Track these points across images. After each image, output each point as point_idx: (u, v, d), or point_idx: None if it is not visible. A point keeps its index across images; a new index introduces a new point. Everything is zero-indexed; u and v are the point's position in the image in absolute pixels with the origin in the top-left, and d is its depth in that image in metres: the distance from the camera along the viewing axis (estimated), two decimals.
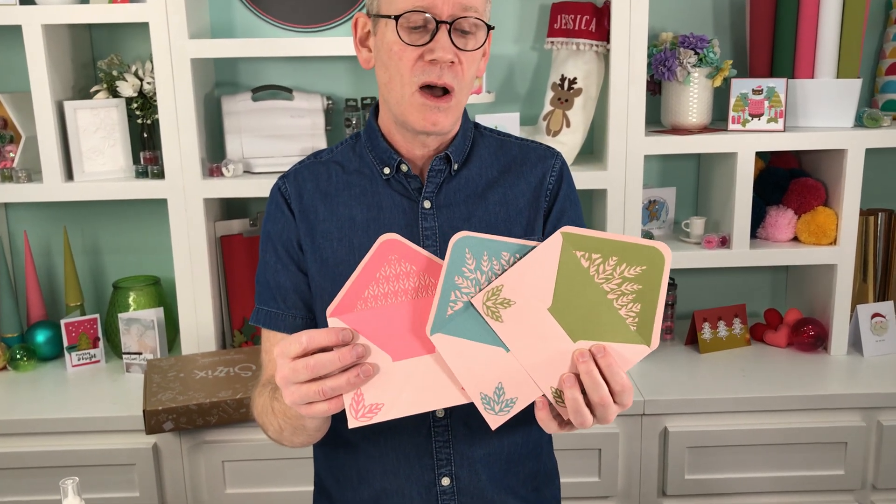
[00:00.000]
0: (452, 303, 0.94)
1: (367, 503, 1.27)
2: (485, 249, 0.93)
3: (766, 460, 1.94)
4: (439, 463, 1.24)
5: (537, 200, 1.26)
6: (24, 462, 1.86)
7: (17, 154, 2.06)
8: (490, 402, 0.97)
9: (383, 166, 1.24)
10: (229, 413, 1.81)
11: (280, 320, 1.25)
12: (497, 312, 0.94)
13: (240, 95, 2.11)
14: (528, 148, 1.31)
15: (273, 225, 1.27)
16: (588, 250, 0.92)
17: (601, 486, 1.94)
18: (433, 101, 1.14)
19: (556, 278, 0.93)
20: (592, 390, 0.95)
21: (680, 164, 2.35)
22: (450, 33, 1.12)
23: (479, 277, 0.94)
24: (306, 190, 1.26)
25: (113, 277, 2.33)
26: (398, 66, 1.14)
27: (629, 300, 0.93)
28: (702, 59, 2.04)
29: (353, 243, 1.22)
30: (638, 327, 0.94)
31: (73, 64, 2.10)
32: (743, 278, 2.41)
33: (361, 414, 0.96)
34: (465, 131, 1.27)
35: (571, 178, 1.32)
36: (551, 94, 2.09)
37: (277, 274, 1.25)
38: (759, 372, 2.06)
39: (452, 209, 1.23)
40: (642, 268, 0.92)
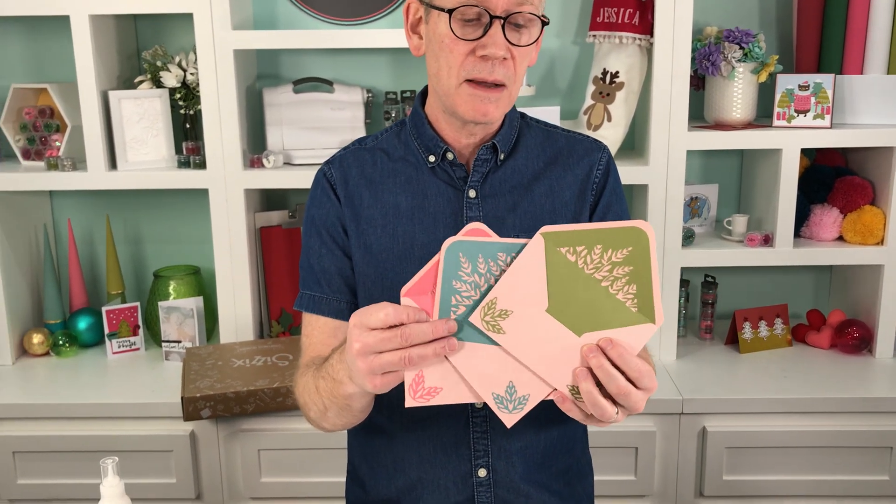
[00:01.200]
0: (454, 307, 0.94)
1: (402, 492, 1.27)
2: (479, 252, 0.92)
3: (808, 463, 1.90)
4: (476, 454, 1.23)
5: (584, 194, 1.25)
6: (65, 446, 1.89)
7: (62, 143, 2.09)
8: (503, 401, 0.98)
9: (429, 154, 1.23)
10: (266, 402, 1.82)
11: (324, 304, 1.24)
12: (497, 325, 0.94)
13: (281, 87, 2.12)
14: (575, 140, 1.29)
15: (318, 209, 1.26)
16: (571, 244, 0.91)
17: (637, 484, 1.92)
18: (483, 92, 1.13)
19: (547, 279, 0.92)
20: (608, 382, 0.95)
21: (723, 161, 2.31)
22: (503, 28, 1.10)
23: (478, 280, 0.93)
24: (351, 176, 1.25)
25: (154, 266, 2.36)
26: (448, 59, 1.12)
27: (624, 283, 0.92)
28: (747, 53, 2.01)
29: (396, 231, 1.21)
30: (639, 307, 0.93)
31: (119, 55, 2.13)
32: (785, 278, 2.37)
33: (420, 395, 0.97)
34: (511, 121, 1.25)
35: (617, 172, 1.31)
36: (593, 87, 2.07)
37: (322, 258, 1.25)
38: (800, 373, 2.02)
39: (497, 199, 1.22)
40: (628, 249, 0.91)
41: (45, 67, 2.24)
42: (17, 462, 1.90)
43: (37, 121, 2.12)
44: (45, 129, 2.12)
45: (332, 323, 1.24)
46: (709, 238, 2.17)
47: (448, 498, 1.24)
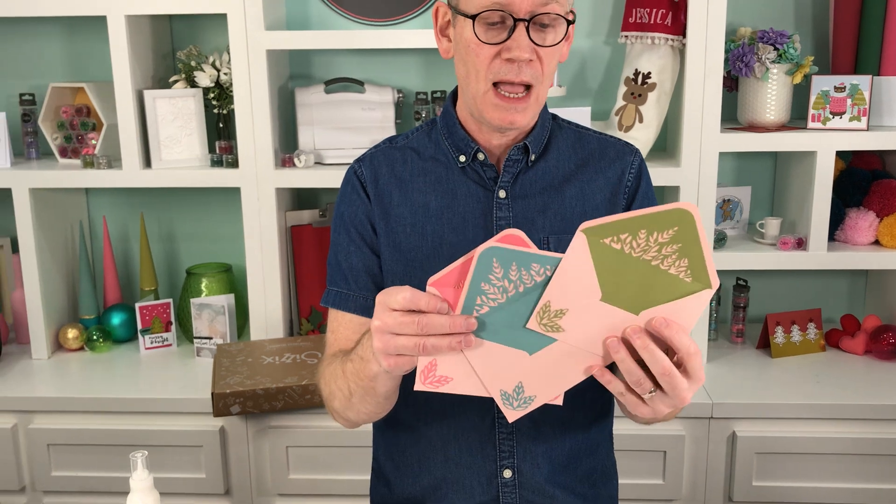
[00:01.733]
0: (478, 306, 0.94)
1: (427, 491, 1.27)
2: (514, 260, 0.92)
3: (840, 471, 1.87)
4: (502, 455, 1.23)
5: (615, 197, 1.25)
6: (98, 439, 1.92)
7: (98, 141, 2.12)
8: (509, 398, 1.00)
9: (459, 154, 1.23)
10: (294, 399, 1.84)
11: (350, 301, 1.25)
12: (556, 325, 0.94)
13: (313, 87, 2.14)
14: (607, 143, 1.29)
15: (347, 207, 1.27)
16: (614, 233, 0.91)
17: (665, 488, 1.91)
18: (509, 102, 1.13)
19: (596, 270, 0.92)
20: (652, 363, 0.94)
21: (756, 163, 2.29)
22: (528, 29, 1.10)
23: (507, 285, 0.93)
24: (381, 175, 1.25)
25: (186, 263, 2.39)
26: (475, 63, 1.13)
27: (674, 259, 0.91)
28: (781, 54, 1.98)
29: (426, 230, 1.22)
30: (693, 277, 0.92)
31: (154, 54, 2.16)
32: (819, 282, 2.34)
33: (430, 381, 0.98)
34: (543, 122, 1.25)
35: (649, 175, 1.30)
36: (624, 88, 2.06)
37: (350, 255, 1.25)
38: (833, 379, 1.99)
39: (528, 200, 1.22)
40: (674, 229, 0.90)
41: (82, 67, 2.28)
42: (52, 454, 1.94)
43: (74, 119, 2.16)
44: (82, 127, 2.16)
45: (358, 319, 1.24)
46: (741, 241, 2.15)
47: (473, 498, 1.24)
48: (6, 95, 2.31)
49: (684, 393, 0.95)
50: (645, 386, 0.96)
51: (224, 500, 1.95)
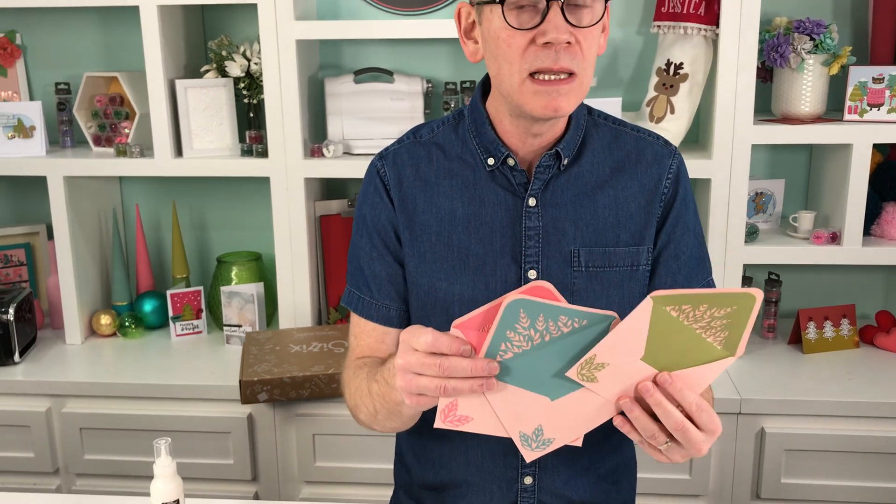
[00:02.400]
0: (502, 352, 0.94)
1: (447, 486, 1.27)
2: (541, 312, 0.92)
3: (872, 470, 1.84)
4: (523, 463, 1.23)
5: (650, 206, 1.19)
6: (129, 424, 1.95)
7: (131, 130, 2.15)
8: (528, 440, 1.01)
9: (488, 157, 1.17)
10: (321, 387, 1.85)
11: (373, 309, 1.23)
12: (592, 376, 0.95)
13: (342, 77, 2.14)
14: (645, 143, 1.21)
15: (370, 210, 1.22)
16: (679, 304, 0.91)
17: (692, 484, 1.89)
18: (550, 86, 1.05)
19: (648, 334, 0.93)
20: (665, 418, 0.95)
21: (791, 155, 2.25)
22: (563, 10, 1.02)
23: (533, 335, 0.93)
24: (406, 176, 1.20)
25: (217, 252, 2.41)
26: (507, 55, 1.05)
27: (718, 330, 0.93)
28: (818, 45, 1.94)
29: (451, 240, 1.18)
30: (725, 346, 0.94)
31: (186, 44, 2.18)
32: (854, 277, 2.29)
33: (450, 420, 0.99)
34: (577, 121, 1.18)
35: (688, 177, 1.24)
36: (656, 79, 2.03)
37: (372, 262, 1.22)
38: (866, 376, 1.96)
39: (559, 209, 1.17)
40: (732, 308, 0.91)
41: (115, 56, 2.31)
42: (84, 438, 1.97)
43: (107, 108, 2.18)
44: (115, 116, 2.18)
45: (381, 329, 1.23)
46: (773, 234, 2.11)
47: (492, 499, 1.24)
48: (42, 84, 2.34)
49: (699, 445, 0.96)
50: (659, 439, 0.96)
51: (251, 486, 1.97)
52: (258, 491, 1.97)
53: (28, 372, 2.02)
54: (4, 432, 1.99)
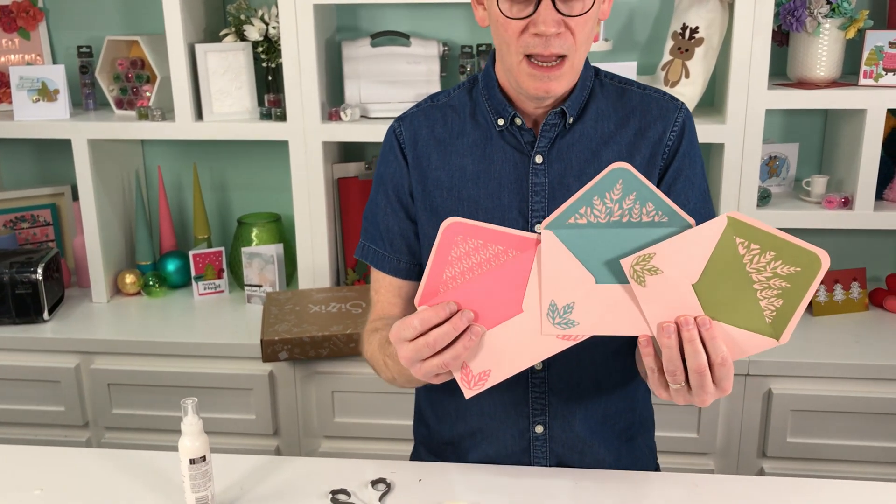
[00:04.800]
0: (579, 215, 0.97)
1: (463, 437, 1.34)
2: (635, 190, 0.94)
3: (876, 430, 1.88)
4: (534, 412, 1.28)
5: (654, 158, 1.22)
6: (155, 380, 2.03)
7: (153, 93, 2.19)
8: (554, 311, 1.01)
9: (497, 117, 1.24)
10: (340, 347, 1.91)
11: (386, 262, 1.31)
12: (642, 277, 0.96)
13: (359, 41, 2.16)
14: (650, 98, 1.25)
15: (386, 168, 1.30)
16: (749, 239, 0.91)
17: (699, 442, 1.94)
18: (543, 71, 1.13)
19: (710, 258, 0.93)
20: (691, 357, 0.96)
21: (805, 120, 2.25)
22: (554, 1, 1.08)
23: (614, 208, 0.95)
24: (421, 136, 1.27)
25: (237, 213, 2.46)
26: (504, 37, 1.13)
27: (773, 294, 0.93)
28: (835, 8, 1.94)
29: (462, 194, 1.24)
30: (773, 321, 0.94)
31: (205, 7, 2.20)
32: (866, 241, 2.31)
33: (474, 384, 1.04)
34: (584, 81, 1.23)
35: (695, 131, 1.26)
36: (671, 43, 2.04)
37: (387, 217, 1.30)
38: (874, 339, 1.99)
39: (564, 164, 1.22)
40: (797, 269, 0.91)
41: (136, 20, 2.34)
42: (112, 393, 2.05)
43: (129, 72, 2.22)
44: (137, 79, 2.22)
45: (396, 282, 1.31)
46: (786, 198, 2.13)
47: (505, 448, 1.30)
48: (64, 47, 2.38)
49: (707, 396, 0.98)
50: (678, 377, 0.98)
51: (273, 440, 2.05)
52: (279, 445, 2.05)
53: (57, 329, 2.09)
54: (36, 387, 2.07)
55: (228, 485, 1.23)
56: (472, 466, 1.29)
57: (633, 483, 1.22)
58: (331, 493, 1.20)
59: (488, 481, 1.22)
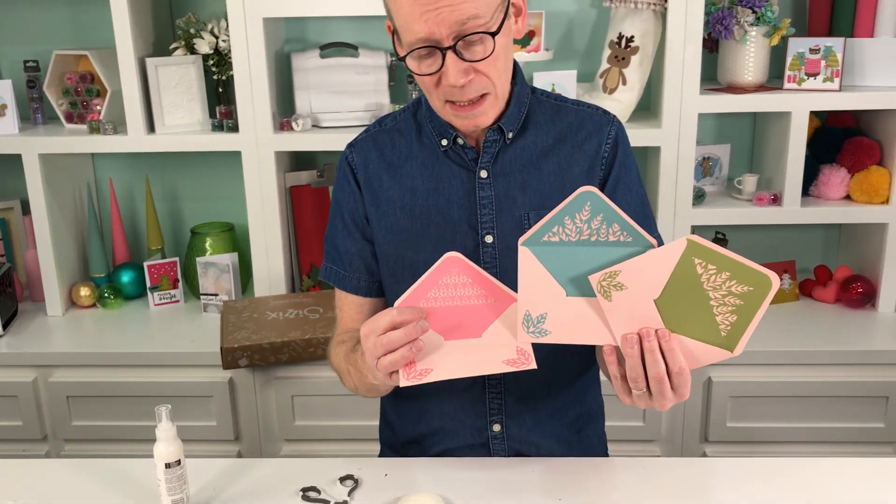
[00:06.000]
0: (552, 233, 1.06)
1: (426, 437, 1.41)
2: (602, 212, 1.04)
3: (808, 412, 2.01)
4: (491, 411, 1.36)
5: (592, 169, 1.30)
6: (114, 391, 2.05)
7: (103, 107, 2.20)
8: (529, 321, 1.10)
9: (441, 138, 1.30)
10: (299, 352, 1.96)
11: (346, 281, 1.39)
12: (608, 292, 1.05)
13: (308, 52, 2.21)
14: (584, 114, 1.33)
15: (341, 193, 1.37)
16: (706, 260, 1.00)
17: (645, 430, 2.05)
18: (466, 111, 1.19)
19: (671, 276, 1.02)
20: (651, 366, 1.04)
21: (736, 121, 2.38)
22: (459, 52, 1.12)
23: (583, 228, 1.05)
24: (371, 160, 1.34)
25: (190, 223, 2.49)
26: (425, 87, 1.20)
27: (728, 310, 1.01)
28: (759, 17, 2.06)
29: (415, 212, 1.31)
30: (728, 334, 1.02)
31: (154, 21, 2.23)
32: (795, 235, 2.45)
33: (412, 375, 1.12)
34: (520, 98, 1.30)
35: (627, 141, 1.34)
36: (608, 51, 2.14)
37: (344, 240, 1.37)
38: (804, 327, 2.12)
39: (508, 178, 1.29)
40: (749, 288, 0.99)
41: (84, 34, 2.35)
42: (71, 405, 2.06)
43: (78, 86, 2.23)
44: (87, 93, 2.23)
45: (358, 300, 1.39)
46: (720, 197, 2.25)
47: (465, 445, 1.38)
48: (10, 62, 2.38)
49: (666, 402, 1.06)
50: (639, 384, 1.06)
51: (234, 445, 2.09)
52: (240, 450, 2.08)
53: (13, 344, 2.10)
54: None
55: (201, 487, 1.28)
56: (435, 460, 1.36)
57: (586, 468, 1.31)
58: (301, 491, 1.25)
59: (451, 473, 1.29)
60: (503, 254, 1.28)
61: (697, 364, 1.05)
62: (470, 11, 1.09)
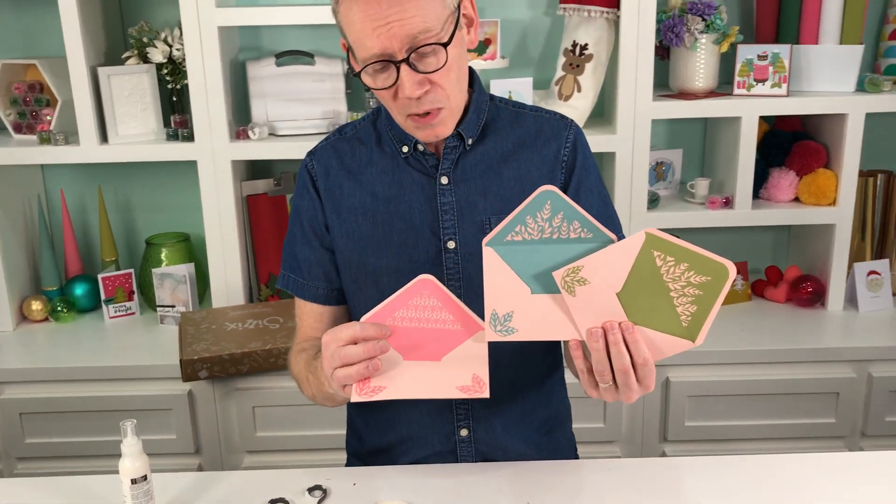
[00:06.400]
0: (515, 233, 1.08)
1: (393, 444, 1.41)
2: (562, 210, 1.05)
3: (763, 409, 2.06)
4: (458, 416, 1.37)
5: (553, 173, 1.32)
6: (69, 406, 2.01)
7: (53, 117, 2.16)
8: (496, 320, 1.11)
9: (401, 145, 1.31)
10: (259, 362, 1.94)
11: (305, 289, 1.38)
12: (572, 287, 1.06)
13: (264, 60, 2.20)
14: (543, 120, 1.35)
15: (300, 201, 1.37)
16: (664, 252, 1.02)
17: (606, 431, 2.07)
18: (425, 122, 1.21)
19: (631, 269, 1.04)
20: (616, 358, 1.06)
21: (687, 126, 2.43)
22: (412, 65, 1.14)
23: (545, 227, 1.06)
24: (332, 168, 1.34)
25: (145, 234, 2.45)
26: (384, 102, 1.21)
27: (688, 301, 1.04)
28: (709, 25, 2.11)
29: (377, 218, 1.31)
30: (689, 325, 1.05)
31: (105, 30, 2.20)
32: (746, 237, 2.51)
33: (364, 392, 1.13)
34: (478, 105, 1.31)
35: (587, 144, 1.36)
36: (563, 59, 2.17)
37: (303, 248, 1.37)
38: (758, 326, 2.17)
39: (469, 183, 1.30)
40: (707, 278, 1.02)
41: (33, 43, 2.30)
42: (24, 423, 2.02)
43: (27, 96, 2.19)
44: (36, 103, 2.19)
45: (317, 308, 1.39)
46: (673, 200, 2.30)
47: (433, 451, 1.38)
48: None
49: (632, 393, 1.08)
50: (606, 377, 1.08)
51: (195, 458, 2.06)
52: (201, 462, 2.06)
53: None
54: None
55: (167, 501, 1.26)
56: (403, 468, 1.36)
57: (552, 471, 1.32)
58: (270, 503, 1.24)
59: (419, 481, 1.30)
60: (466, 259, 1.29)
61: (661, 355, 1.08)
62: (420, 25, 1.12)
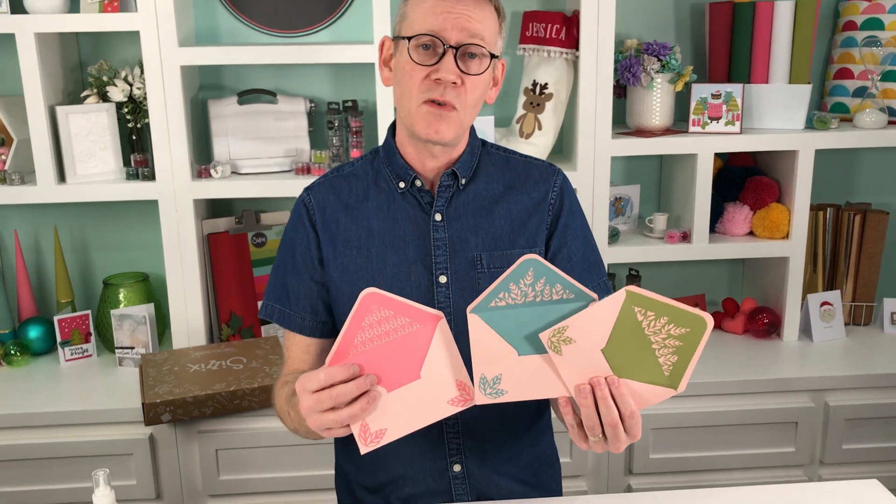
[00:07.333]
0: (499, 299, 1.10)
1: (385, 484, 1.40)
2: (544, 275, 1.08)
3: (725, 440, 2.09)
4: (451, 452, 1.37)
5: (541, 215, 1.38)
6: (22, 454, 1.94)
7: (8, 157, 2.12)
8: (485, 383, 1.13)
9: (399, 181, 1.35)
10: (223, 404, 1.91)
11: (291, 319, 1.39)
12: (559, 347, 1.09)
13: (226, 99, 2.20)
14: (532, 166, 1.42)
15: (294, 233, 1.39)
16: (645, 307, 1.06)
17: (573, 465, 2.08)
18: (437, 109, 1.25)
19: (614, 326, 1.07)
20: (605, 413, 1.08)
21: (644, 163, 2.48)
22: (456, 58, 1.23)
23: (528, 291, 1.09)
24: (329, 203, 1.37)
25: (102, 275, 2.41)
26: (408, 84, 1.26)
27: (669, 352, 1.07)
28: (664, 65, 2.17)
29: (371, 252, 1.34)
30: (670, 374, 1.08)
31: (63, 69, 2.17)
32: (703, 270, 2.56)
33: (370, 440, 1.12)
34: (472, 149, 1.38)
35: (573, 191, 1.43)
36: (524, 98, 2.20)
37: (293, 279, 1.38)
38: (716, 358, 2.21)
39: (461, 221, 1.35)
40: (686, 330, 1.06)
41: None
42: None
43: None
44: None
45: (305, 340, 1.39)
46: (632, 235, 2.34)
47: (427, 489, 1.38)
48: None
49: (621, 444, 1.11)
50: (595, 430, 1.10)
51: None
52: None
53: None
54: None
55: None
56: None
57: None
58: None
59: None
60: (457, 293, 1.33)
61: (646, 404, 1.11)
62: (480, 30, 1.24)
